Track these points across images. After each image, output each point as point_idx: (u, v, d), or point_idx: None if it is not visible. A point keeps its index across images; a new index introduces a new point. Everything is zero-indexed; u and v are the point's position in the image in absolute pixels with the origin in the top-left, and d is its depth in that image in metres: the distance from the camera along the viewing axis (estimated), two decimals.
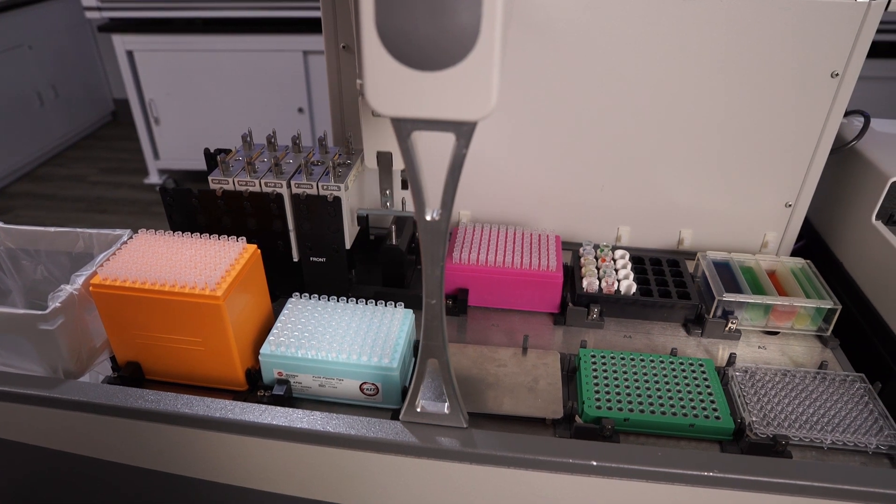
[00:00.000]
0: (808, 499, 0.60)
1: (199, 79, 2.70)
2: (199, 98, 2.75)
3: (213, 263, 0.69)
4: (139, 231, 0.75)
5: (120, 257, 0.70)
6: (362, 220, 0.86)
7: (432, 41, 0.41)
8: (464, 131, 0.46)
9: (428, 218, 0.51)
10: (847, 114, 0.95)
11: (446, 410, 0.63)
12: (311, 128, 2.78)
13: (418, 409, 0.63)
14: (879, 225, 0.86)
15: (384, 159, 0.74)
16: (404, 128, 0.46)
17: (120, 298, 0.67)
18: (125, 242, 0.74)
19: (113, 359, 0.74)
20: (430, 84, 0.43)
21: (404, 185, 0.88)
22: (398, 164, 0.76)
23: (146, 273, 0.67)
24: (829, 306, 0.81)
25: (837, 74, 0.84)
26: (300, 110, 2.73)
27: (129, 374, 0.73)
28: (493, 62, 0.41)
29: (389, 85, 0.43)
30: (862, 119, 0.95)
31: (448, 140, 0.46)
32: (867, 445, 0.67)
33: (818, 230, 1.03)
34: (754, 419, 0.69)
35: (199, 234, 0.74)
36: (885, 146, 0.92)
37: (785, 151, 0.91)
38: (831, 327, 0.83)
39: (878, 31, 0.80)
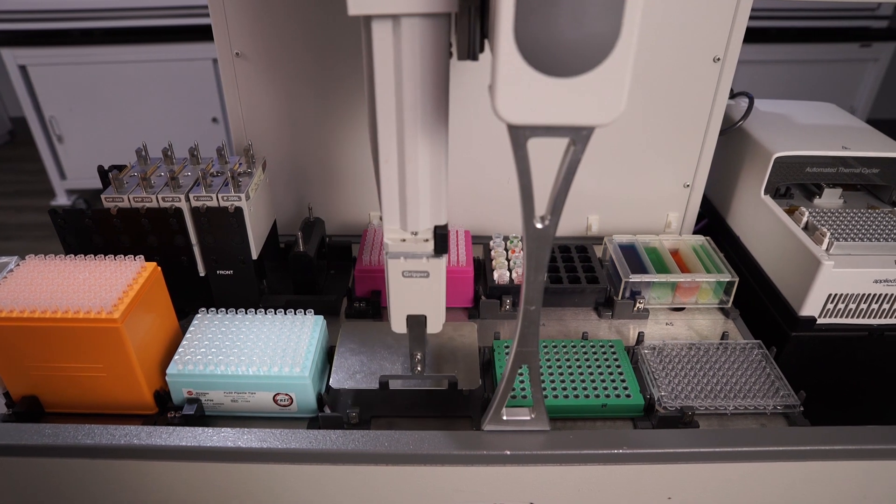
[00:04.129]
0: (713, 464, 0.63)
1: (104, 92, 2.57)
2: (106, 112, 2.62)
3: (109, 285, 0.66)
4: (27, 257, 0.71)
5: (6, 286, 0.66)
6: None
7: (573, 47, 0.40)
8: (582, 136, 0.45)
9: (539, 226, 0.50)
10: (733, 96, 1.01)
11: (530, 416, 0.63)
12: (227, 138, 2.70)
13: (504, 417, 0.62)
14: (768, 199, 0.91)
15: (416, 323, 0.65)
16: (522, 135, 0.45)
17: (7, 330, 0.63)
18: (11, 270, 0.69)
19: (7, 394, 0.70)
20: (562, 90, 0.41)
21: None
22: (431, 327, 0.65)
23: (35, 301, 0.64)
24: (727, 279, 0.86)
25: (719, 59, 0.88)
26: (214, 120, 2.65)
27: (26, 409, 0.69)
28: (629, 65, 0.40)
29: (521, 93, 0.42)
30: (747, 100, 1.00)
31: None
32: (765, 408, 0.71)
33: (717, 208, 1.08)
34: (663, 394, 0.71)
35: (94, 255, 0.71)
36: (769, 125, 0.98)
37: (679, 134, 0.95)
38: (731, 299, 0.87)
39: (755, 18, 0.84)
